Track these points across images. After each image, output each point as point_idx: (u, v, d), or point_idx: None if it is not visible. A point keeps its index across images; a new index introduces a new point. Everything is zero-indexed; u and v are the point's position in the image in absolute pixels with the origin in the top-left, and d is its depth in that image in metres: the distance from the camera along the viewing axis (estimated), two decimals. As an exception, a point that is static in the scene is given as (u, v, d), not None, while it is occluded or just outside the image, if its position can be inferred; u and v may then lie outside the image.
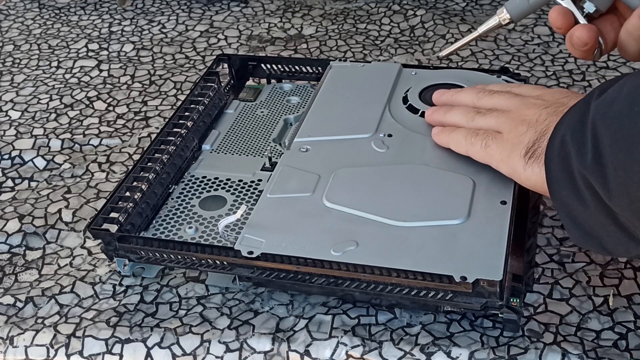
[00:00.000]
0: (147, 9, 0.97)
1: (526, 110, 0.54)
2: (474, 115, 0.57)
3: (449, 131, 0.58)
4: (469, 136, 0.56)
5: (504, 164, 0.53)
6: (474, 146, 0.55)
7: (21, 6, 1.00)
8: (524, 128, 0.52)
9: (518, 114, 0.54)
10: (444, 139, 0.58)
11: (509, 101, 0.56)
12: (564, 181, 0.47)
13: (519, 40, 0.85)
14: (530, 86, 0.59)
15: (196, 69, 0.84)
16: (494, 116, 0.56)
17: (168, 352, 0.51)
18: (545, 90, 0.57)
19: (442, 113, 0.60)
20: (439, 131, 0.59)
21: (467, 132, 0.56)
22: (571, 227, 0.48)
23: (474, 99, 0.59)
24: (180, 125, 0.63)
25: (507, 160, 0.52)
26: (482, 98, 0.59)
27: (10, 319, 0.54)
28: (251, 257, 0.51)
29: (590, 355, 0.49)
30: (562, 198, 0.48)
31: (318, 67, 0.72)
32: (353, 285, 0.50)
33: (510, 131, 0.53)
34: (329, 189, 0.56)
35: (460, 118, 0.58)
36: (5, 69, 0.86)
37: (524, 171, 0.51)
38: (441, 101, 0.62)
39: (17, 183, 0.68)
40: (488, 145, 0.54)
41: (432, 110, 0.62)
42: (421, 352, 0.50)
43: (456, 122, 0.58)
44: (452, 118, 0.59)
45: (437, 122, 0.61)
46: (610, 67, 0.79)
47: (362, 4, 0.95)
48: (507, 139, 0.53)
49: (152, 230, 0.57)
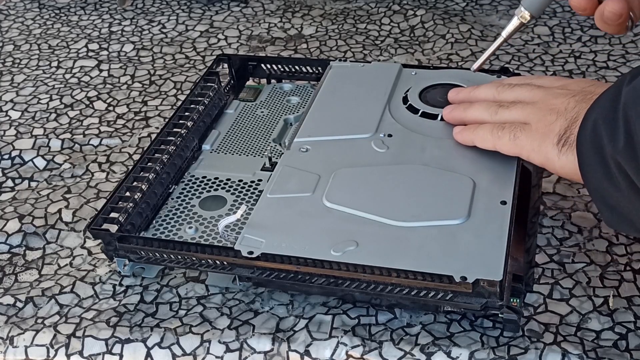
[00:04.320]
0: (147, 9, 0.97)
1: (553, 100, 0.53)
2: (497, 109, 0.56)
3: (472, 128, 0.57)
4: (495, 130, 0.55)
5: (536, 153, 0.52)
6: (502, 139, 0.54)
7: (21, 6, 1.00)
8: (553, 117, 0.51)
9: (545, 104, 0.53)
10: (468, 137, 0.57)
11: (532, 92, 0.56)
12: (596, 166, 0.47)
13: (519, 40, 0.85)
14: (551, 77, 0.58)
15: (196, 69, 0.84)
16: (519, 108, 0.55)
17: (168, 352, 0.51)
18: (568, 81, 0.56)
19: (462, 110, 0.59)
20: (462, 129, 0.58)
21: (493, 126, 0.55)
22: (604, 210, 0.48)
23: (494, 93, 0.58)
24: (180, 125, 0.63)
25: (539, 149, 0.52)
26: (502, 92, 0.58)
27: (10, 319, 0.54)
28: (251, 257, 0.51)
29: (590, 355, 0.49)
30: (594, 182, 0.48)
31: (318, 67, 0.72)
32: (353, 285, 0.50)
33: (539, 121, 0.52)
34: (329, 189, 0.56)
35: (482, 113, 0.57)
36: (6, 69, 0.86)
37: (558, 159, 0.50)
38: (458, 99, 0.61)
39: (17, 183, 0.68)
40: (517, 137, 0.53)
41: (450, 108, 0.60)
42: (421, 352, 0.50)
43: (478, 118, 0.57)
44: (474, 114, 0.58)
45: (457, 120, 0.59)
46: (610, 67, 0.79)
47: (362, 4, 0.95)
48: (537, 129, 0.52)
49: (152, 230, 0.57)
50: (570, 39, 0.85)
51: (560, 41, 0.85)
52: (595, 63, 0.80)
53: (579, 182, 0.50)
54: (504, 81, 0.60)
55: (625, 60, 0.80)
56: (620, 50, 0.82)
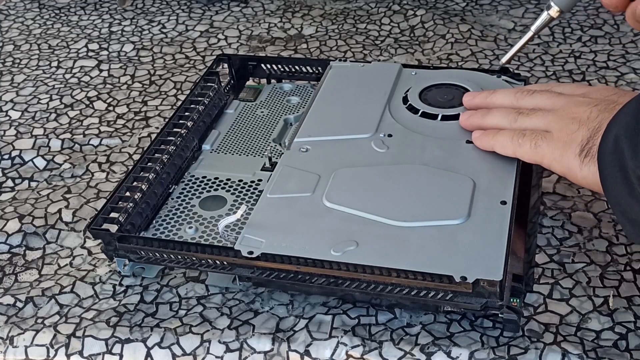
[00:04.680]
0: (147, 9, 0.97)
1: (575, 108, 0.52)
2: (517, 116, 0.55)
3: (492, 134, 0.56)
4: (515, 137, 0.54)
5: (558, 163, 0.51)
6: (522, 147, 0.53)
7: (21, 6, 1.00)
8: (576, 126, 0.51)
9: (567, 112, 0.52)
10: (487, 143, 0.56)
11: (553, 100, 0.55)
12: (618, 180, 0.46)
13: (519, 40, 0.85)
14: (572, 84, 0.58)
15: (196, 69, 0.84)
16: (540, 116, 0.54)
17: (168, 352, 0.51)
18: (590, 88, 0.55)
19: (480, 116, 0.58)
20: (481, 134, 0.57)
21: (513, 133, 0.54)
22: (627, 224, 0.48)
23: (512, 99, 0.58)
24: (180, 125, 0.63)
25: (560, 159, 0.51)
26: (521, 98, 0.57)
27: (10, 319, 0.54)
28: (251, 257, 0.51)
29: (590, 355, 0.49)
30: (616, 197, 0.47)
31: (318, 67, 0.72)
32: (353, 285, 0.50)
33: (561, 129, 0.52)
34: (329, 189, 0.56)
35: (501, 120, 0.56)
36: (6, 69, 0.86)
37: (580, 170, 0.50)
38: (474, 104, 0.60)
39: (17, 183, 0.68)
40: (538, 145, 0.52)
41: (468, 114, 0.59)
42: (421, 352, 0.50)
43: (497, 125, 0.56)
44: (493, 120, 0.57)
45: (475, 126, 0.58)
46: (610, 67, 0.79)
47: (362, 4, 0.95)
48: (559, 138, 0.51)
49: (152, 230, 0.57)
50: (570, 39, 0.85)
51: (560, 41, 0.85)
52: (595, 63, 0.80)
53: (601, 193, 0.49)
54: (523, 88, 0.59)
55: (625, 60, 0.80)
56: (620, 50, 0.82)
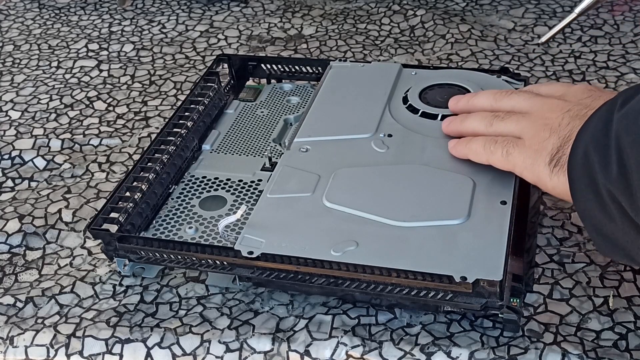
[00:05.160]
0: (147, 9, 0.97)
1: (547, 113, 0.52)
2: (492, 119, 0.55)
3: (465, 142, 0.56)
4: (487, 144, 0.54)
5: (529, 171, 0.51)
6: (494, 155, 0.53)
7: (21, 6, 1.00)
8: (547, 133, 0.50)
9: (539, 117, 0.52)
10: (461, 150, 0.56)
11: (528, 102, 0.54)
12: (588, 194, 0.46)
13: (519, 40, 0.85)
14: (554, 85, 0.57)
15: (196, 69, 0.84)
16: (514, 120, 0.54)
17: (168, 352, 0.51)
18: (569, 89, 0.54)
19: (459, 122, 0.58)
20: (456, 143, 0.57)
21: (485, 140, 0.54)
22: (597, 238, 0.47)
23: (491, 101, 0.57)
24: (180, 125, 0.63)
25: (531, 168, 0.51)
26: (499, 100, 0.57)
27: (10, 319, 0.54)
28: (251, 257, 0.51)
29: (590, 355, 0.49)
30: (587, 210, 0.47)
31: (318, 67, 0.72)
32: (353, 286, 0.50)
33: (533, 137, 0.51)
34: (329, 189, 0.56)
35: (478, 124, 0.56)
36: (5, 69, 0.86)
37: (549, 180, 0.50)
38: (458, 108, 0.60)
39: (17, 183, 0.68)
40: (510, 153, 0.52)
41: (449, 121, 0.59)
42: (421, 352, 0.50)
43: (474, 129, 0.56)
44: (470, 125, 0.57)
45: (455, 132, 0.58)
46: (610, 67, 0.79)
47: (362, 4, 0.95)
48: (530, 145, 0.51)
49: (152, 231, 0.57)
50: (570, 39, 0.85)
51: (560, 41, 0.85)
52: (595, 63, 0.80)
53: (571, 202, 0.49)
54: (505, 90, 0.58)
55: (625, 60, 0.80)
56: (620, 50, 0.82)
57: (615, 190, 0.43)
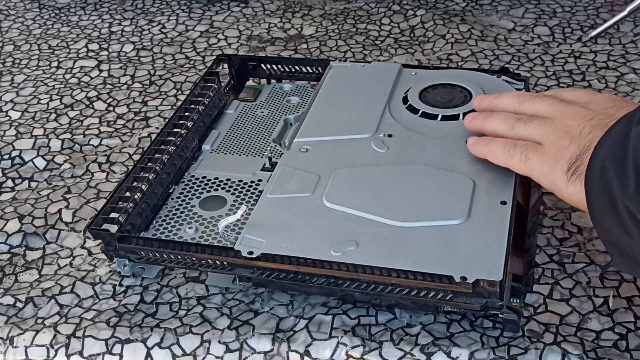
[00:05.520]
0: (147, 9, 0.97)
1: (569, 121, 0.51)
2: (515, 122, 0.55)
3: (486, 142, 0.56)
4: (507, 147, 0.53)
5: (545, 178, 0.51)
6: (513, 158, 0.53)
7: (21, 6, 1.00)
8: (567, 141, 0.50)
9: (561, 124, 0.51)
10: (480, 150, 0.56)
11: (552, 107, 0.54)
12: (605, 208, 0.45)
13: (519, 40, 0.85)
14: (579, 91, 0.56)
15: (196, 69, 0.84)
16: (536, 125, 0.53)
17: (168, 353, 0.51)
18: (593, 97, 0.54)
19: (482, 120, 0.58)
20: (475, 142, 0.57)
21: (505, 142, 0.54)
22: (614, 253, 0.47)
23: (515, 103, 0.57)
24: (180, 125, 0.63)
25: (548, 174, 0.50)
26: (523, 103, 0.56)
27: (10, 319, 0.54)
28: (251, 257, 0.51)
29: (590, 355, 0.49)
30: (604, 225, 0.46)
31: (318, 67, 0.72)
32: (353, 286, 0.50)
33: (553, 143, 0.51)
34: (329, 189, 0.56)
35: (500, 125, 0.56)
36: (5, 69, 0.86)
37: (566, 188, 0.49)
38: (481, 107, 0.60)
39: (17, 183, 0.68)
40: (528, 158, 0.52)
41: (471, 117, 0.59)
42: (421, 352, 0.50)
43: (496, 130, 0.56)
44: (492, 125, 0.56)
45: (476, 129, 0.58)
46: (610, 67, 0.79)
47: (362, 4, 0.95)
48: (549, 152, 0.51)
49: (152, 231, 0.57)
50: (570, 39, 0.85)
51: (560, 41, 0.85)
52: (595, 63, 0.80)
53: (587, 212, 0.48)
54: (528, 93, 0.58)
55: (625, 61, 0.80)
56: (620, 50, 0.82)
57: (633, 207, 0.42)
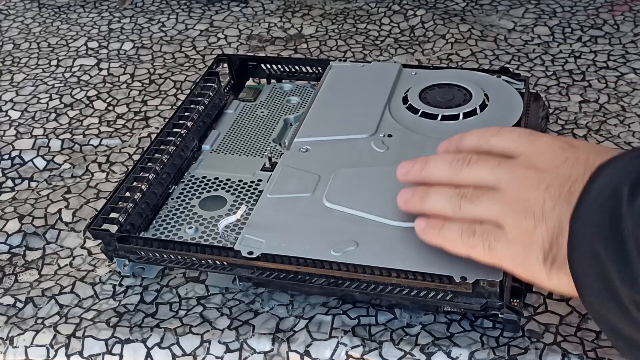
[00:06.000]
0: (147, 8, 0.97)
1: (522, 192, 0.44)
2: (459, 201, 0.47)
3: (438, 227, 0.48)
4: (465, 235, 0.46)
5: (520, 269, 0.44)
6: (475, 248, 0.46)
7: (21, 6, 1.00)
8: (530, 222, 0.43)
9: (514, 199, 0.44)
10: (435, 240, 0.48)
11: (493, 174, 0.46)
12: (606, 301, 0.39)
13: (519, 40, 0.85)
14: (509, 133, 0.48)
15: (196, 68, 0.84)
16: (486, 202, 0.46)
17: (168, 353, 0.51)
18: (532, 145, 0.46)
19: (419, 199, 0.49)
20: (426, 228, 0.49)
21: (461, 229, 0.46)
22: (620, 344, 0.41)
23: (448, 173, 0.48)
24: (180, 125, 0.63)
25: (522, 265, 0.44)
26: (459, 172, 0.48)
27: (10, 319, 0.54)
28: (251, 257, 0.51)
29: (590, 355, 0.49)
30: (602, 315, 0.41)
31: (318, 67, 0.72)
32: (353, 286, 0.50)
33: (515, 227, 0.44)
34: (329, 189, 0.56)
35: (443, 206, 0.48)
36: (5, 68, 0.86)
37: (548, 280, 0.43)
38: (409, 179, 0.51)
39: (17, 183, 0.68)
40: (493, 248, 0.45)
41: (404, 197, 0.51)
42: (421, 352, 0.50)
43: (440, 212, 0.48)
44: (433, 207, 0.48)
45: (416, 212, 0.50)
46: (610, 67, 0.79)
47: (362, 4, 0.95)
48: (515, 239, 0.44)
49: (152, 231, 0.57)
50: (570, 39, 0.85)
51: (560, 41, 0.85)
52: (595, 63, 0.80)
53: None
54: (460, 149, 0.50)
55: (625, 60, 0.80)
56: (620, 50, 0.82)
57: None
